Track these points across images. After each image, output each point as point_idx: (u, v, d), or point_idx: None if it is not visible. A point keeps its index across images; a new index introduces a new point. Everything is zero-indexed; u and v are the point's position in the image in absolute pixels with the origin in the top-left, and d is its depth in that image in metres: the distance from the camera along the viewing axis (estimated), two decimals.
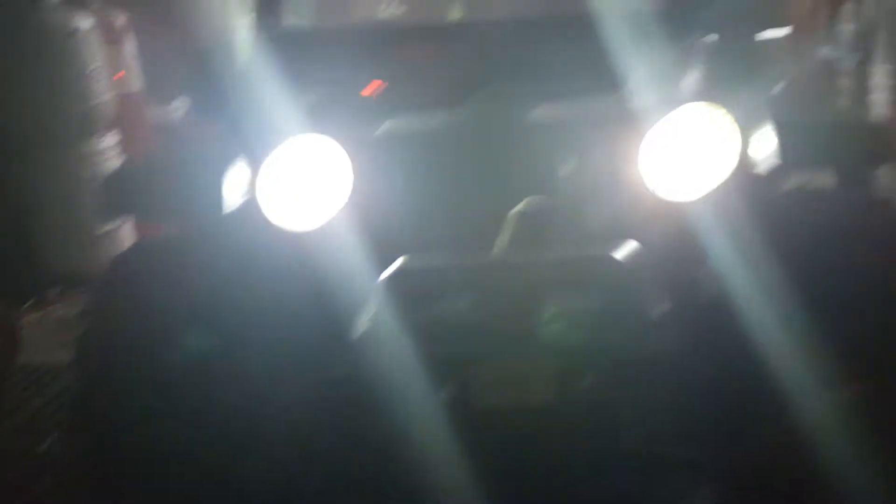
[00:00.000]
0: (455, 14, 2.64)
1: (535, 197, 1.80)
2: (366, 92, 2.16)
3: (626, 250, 1.77)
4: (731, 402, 1.90)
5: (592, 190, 1.90)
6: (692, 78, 2.05)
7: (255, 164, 1.92)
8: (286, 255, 1.88)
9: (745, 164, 1.92)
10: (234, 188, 1.96)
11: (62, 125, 4.75)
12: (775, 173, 1.93)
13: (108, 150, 5.04)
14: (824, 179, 1.97)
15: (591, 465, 1.86)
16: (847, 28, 5.07)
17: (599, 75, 2.05)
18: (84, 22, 4.82)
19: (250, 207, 1.92)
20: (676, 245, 1.90)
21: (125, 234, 5.05)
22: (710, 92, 1.95)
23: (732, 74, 2.10)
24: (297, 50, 2.44)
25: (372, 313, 1.76)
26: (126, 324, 1.91)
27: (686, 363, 1.84)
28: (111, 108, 5.05)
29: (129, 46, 5.50)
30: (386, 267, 1.89)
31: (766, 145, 1.94)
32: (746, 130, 1.92)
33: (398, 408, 1.78)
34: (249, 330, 1.87)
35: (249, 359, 1.90)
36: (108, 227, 4.89)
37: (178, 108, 5.50)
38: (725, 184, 1.89)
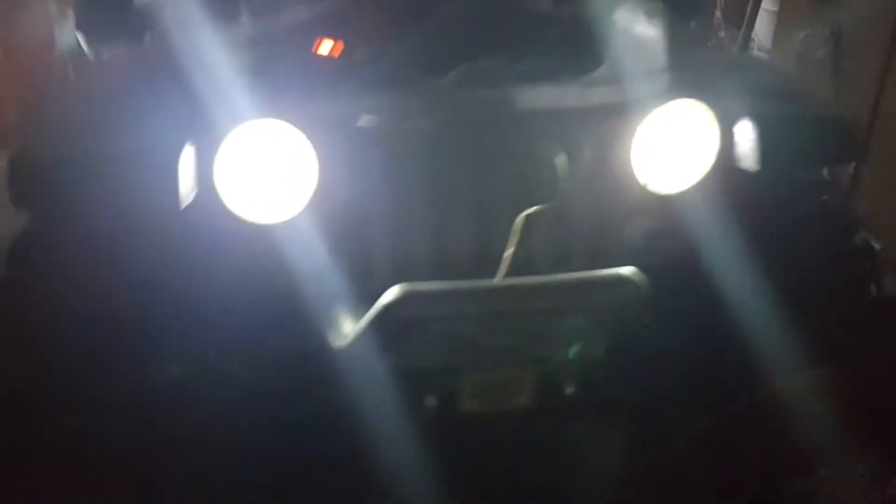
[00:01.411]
0: None
1: (540, 208, 1.67)
2: (317, 50, 1.88)
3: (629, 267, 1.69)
4: (708, 384, 1.93)
5: (588, 186, 1.79)
6: (681, 65, 1.94)
7: (205, 148, 1.65)
8: (251, 249, 1.66)
9: (726, 157, 1.88)
10: (185, 177, 1.67)
11: None
12: (755, 167, 1.89)
13: None
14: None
15: (567, 470, 1.86)
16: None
17: (589, 56, 1.90)
18: None
19: (207, 198, 1.66)
20: (665, 235, 1.86)
21: None
22: (696, 83, 1.85)
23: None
24: None
25: (360, 328, 1.60)
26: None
27: (670, 357, 1.84)
28: None
29: None
30: (362, 265, 1.73)
31: (746, 139, 1.90)
32: (727, 124, 1.86)
33: (382, 412, 1.67)
34: (215, 332, 1.68)
35: (216, 364, 1.72)
36: None
37: None
38: (708, 176, 1.84)
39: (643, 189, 1.82)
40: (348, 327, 1.68)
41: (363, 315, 1.67)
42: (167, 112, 1.66)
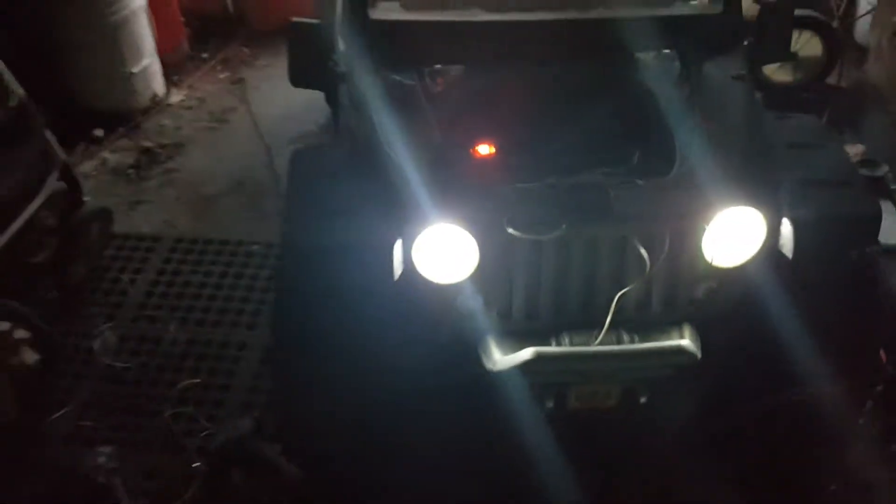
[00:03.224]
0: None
1: (627, 290, 2.47)
2: (475, 152, 2.66)
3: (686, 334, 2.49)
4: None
5: (667, 264, 2.52)
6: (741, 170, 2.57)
7: (407, 241, 2.49)
8: (437, 300, 2.53)
9: (770, 244, 2.57)
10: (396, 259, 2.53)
11: None
12: (789, 252, 2.59)
13: None
14: None
15: (641, 447, 2.75)
16: None
17: (667, 156, 2.59)
18: None
19: (411, 269, 2.51)
20: (723, 294, 2.60)
21: (155, 70, 5.38)
22: (752, 191, 2.52)
23: None
24: (387, 42, 2.84)
25: (507, 364, 2.47)
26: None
27: (717, 379, 2.64)
28: None
29: None
30: (505, 310, 2.57)
31: (787, 232, 2.60)
32: (773, 222, 2.55)
33: (518, 413, 2.57)
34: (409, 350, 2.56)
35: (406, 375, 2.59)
36: (140, 65, 5.22)
37: None
38: (756, 256, 2.55)
39: (708, 264, 2.54)
40: (497, 355, 2.54)
41: (506, 345, 2.54)
42: (384, 214, 2.50)
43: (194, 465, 3.19)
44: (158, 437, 3.33)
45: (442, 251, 2.48)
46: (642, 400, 2.60)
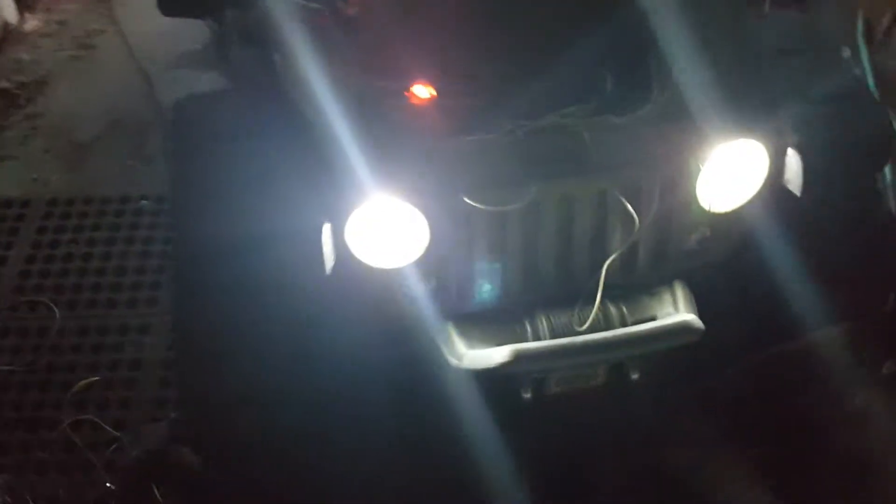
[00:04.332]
0: None
1: (614, 257, 2.02)
2: (412, 95, 2.09)
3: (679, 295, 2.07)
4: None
5: (658, 215, 2.07)
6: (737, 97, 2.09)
7: (337, 224, 1.96)
8: (380, 287, 2.04)
9: (773, 179, 2.14)
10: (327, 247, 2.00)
11: None
12: (796, 188, 2.17)
13: None
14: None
15: (625, 427, 2.37)
16: None
17: (648, 86, 2.09)
18: None
19: (346, 256, 2.00)
20: (717, 241, 2.18)
21: None
22: (752, 119, 2.06)
23: None
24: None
25: (477, 366, 2.01)
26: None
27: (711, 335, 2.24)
28: None
29: None
30: (466, 292, 2.10)
31: (793, 164, 2.16)
32: (777, 154, 2.11)
33: (486, 411, 2.13)
34: (344, 348, 2.08)
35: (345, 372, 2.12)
36: None
37: None
38: (757, 196, 2.13)
39: (704, 210, 2.11)
40: (462, 348, 2.08)
41: (472, 334, 2.08)
42: (304, 189, 1.95)
43: (107, 486, 2.70)
44: (58, 455, 2.80)
45: (383, 230, 1.98)
46: (634, 377, 2.20)
